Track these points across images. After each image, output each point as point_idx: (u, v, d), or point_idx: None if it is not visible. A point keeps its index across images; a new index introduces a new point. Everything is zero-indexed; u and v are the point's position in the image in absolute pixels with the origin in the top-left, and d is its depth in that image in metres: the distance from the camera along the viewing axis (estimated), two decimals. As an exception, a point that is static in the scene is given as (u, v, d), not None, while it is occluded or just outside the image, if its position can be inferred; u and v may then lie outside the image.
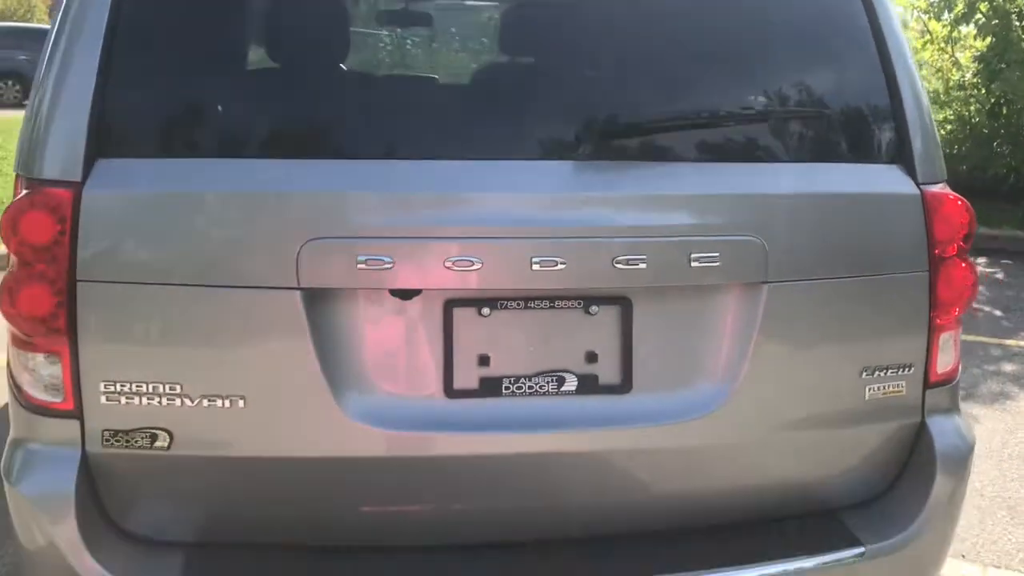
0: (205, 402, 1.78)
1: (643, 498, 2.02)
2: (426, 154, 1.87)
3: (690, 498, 2.04)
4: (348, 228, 1.79)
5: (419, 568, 1.91)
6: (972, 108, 10.34)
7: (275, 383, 1.81)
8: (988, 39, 9.54)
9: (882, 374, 2.04)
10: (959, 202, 2.08)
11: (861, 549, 2.00)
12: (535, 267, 1.80)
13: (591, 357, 1.91)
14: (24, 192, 1.78)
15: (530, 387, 1.89)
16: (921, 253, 2.04)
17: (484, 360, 1.88)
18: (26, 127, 1.86)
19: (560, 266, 1.81)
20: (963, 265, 2.08)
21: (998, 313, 6.55)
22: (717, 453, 1.99)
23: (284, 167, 1.82)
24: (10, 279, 1.77)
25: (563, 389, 1.90)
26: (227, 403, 1.79)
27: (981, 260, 8.38)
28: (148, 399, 1.78)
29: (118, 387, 1.78)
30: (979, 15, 9.68)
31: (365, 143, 1.91)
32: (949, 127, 10.57)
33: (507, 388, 1.88)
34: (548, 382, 1.90)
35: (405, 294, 1.83)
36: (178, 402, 1.78)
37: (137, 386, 1.78)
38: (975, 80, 10.17)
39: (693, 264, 1.87)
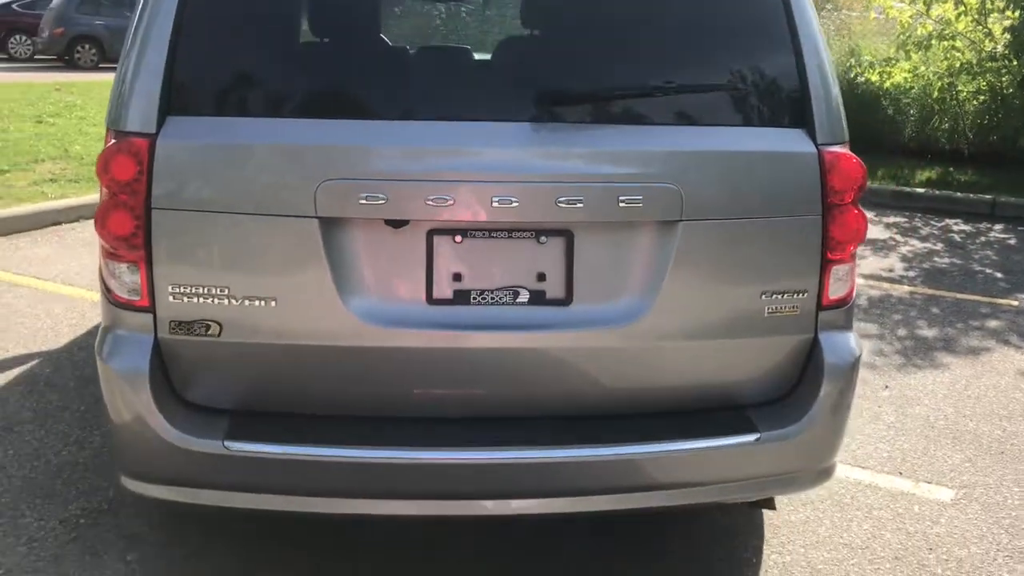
0: (246, 301, 2.34)
1: (582, 387, 2.51)
2: (412, 116, 2.39)
3: (620, 389, 2.53)
4: (352, 172, 2.31)
5: (404, 432, 2.43)
6: (1004, 79, 10.38)
7: (298, 288, 2.35)
8: (1019, 12, 9.62)
9: (779, 297, 2.50)
10: (854, 160, 2.51)
11: (757, 435, 2.48)
12: (495, 204, 2.32)
13: (541, 276, 2.42)
14: (112, 141, 2.34)
15: (493, 298, 2.42)
16: (816, 200, 2.47)
17: (457, 276, 2.40)
18: (114, 91, 2.43)
19: (515, 204, 2.33)
20: (855, 212, 2.51)
21: (998, 275, 6.80)
22: (642, 354, 2.49)
23: (306, 125, 2.36)
24: (102, 208, 2.33)
25: (518, 300, 2.42)
26: (262, 303, 2.34)
27: (998, 227, 8.56)
28: (204, 298, 2.34)
29: (181, 289, 2.33)
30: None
31: (365, 107, 2.44)
32: (982, 98, 10.58)
33: (475, 298, 2.41)
34: (507, 295, 2.42)
35: (396, 224, 2.36)
36: (226, 301, 2.34)
37: (196, 288, 2.33)
38: (1007, 52, 10.20)
39: (621, 204, 2.37)
